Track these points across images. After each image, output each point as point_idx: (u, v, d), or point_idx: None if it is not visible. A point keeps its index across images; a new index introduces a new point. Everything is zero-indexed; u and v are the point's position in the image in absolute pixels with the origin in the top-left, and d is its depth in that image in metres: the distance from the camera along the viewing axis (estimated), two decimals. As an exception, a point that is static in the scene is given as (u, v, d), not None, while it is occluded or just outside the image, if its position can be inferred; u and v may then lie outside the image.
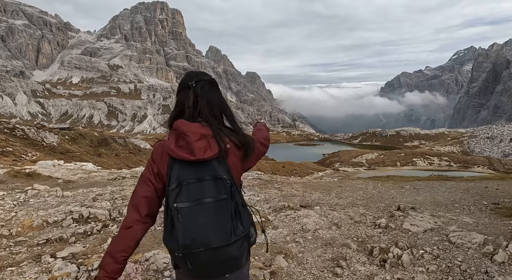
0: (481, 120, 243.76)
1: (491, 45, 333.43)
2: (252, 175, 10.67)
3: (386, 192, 7.51)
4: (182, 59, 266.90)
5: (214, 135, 1.47)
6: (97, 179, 10.18)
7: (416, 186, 8.29)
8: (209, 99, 1.57)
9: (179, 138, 1.45)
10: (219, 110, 1.61)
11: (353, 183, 9.15)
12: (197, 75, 1.62)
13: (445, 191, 7.54)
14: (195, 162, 1.42)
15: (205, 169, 1.42)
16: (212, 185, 1.39)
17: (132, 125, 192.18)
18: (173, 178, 1.41)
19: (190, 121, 1.50)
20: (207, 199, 1.37)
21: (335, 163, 53.08)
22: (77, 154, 27.98)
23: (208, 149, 1.43)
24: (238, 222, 1.41)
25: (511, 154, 61.48)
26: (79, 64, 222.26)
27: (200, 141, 1.43)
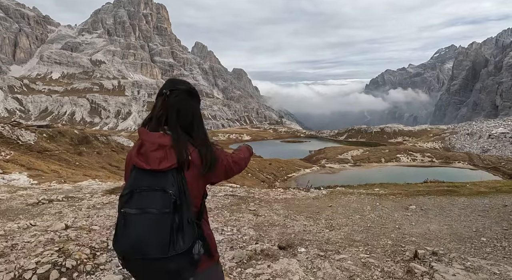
0: (461, 116, 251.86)
1: (470, 44, 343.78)
2: (225, 190, 8.91)
3: (388, 216, 6.06)
4: (168, 55, 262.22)
5: (173, 146, 1.46)
6: (15, 202, 7.15)
7: (423, 206, 6.85)
8: (179, 108, 1.56)
9: (141, 146, 1.48)
10: (187, 120, 1.59)
11: (346, 201, 7.56)
12: (174, 83, 1.61)
13: (460, 213, 6.21)
14: (149, 171, 1.42)
15: (158, 179, 1.41)
16: (160, 196, 1.38)
17: (116, 122, 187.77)
18: (128, 183, 1.45)
19: (154, 129, 1.52)
20: (152, 209, 1.36)
21: (322, 160, 53.45)
22: (55, 152, 26.88)
23: (164, 160, 1.42)
24: (179, 237, 1.38)
25: (490, 149, 63.63)
26: (60, 59, 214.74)
27: (157, 151, 1.43)
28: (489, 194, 8.07)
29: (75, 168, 25.52)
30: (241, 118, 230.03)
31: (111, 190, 8.73)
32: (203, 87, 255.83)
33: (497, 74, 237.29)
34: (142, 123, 1.62)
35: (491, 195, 7.94)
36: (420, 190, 8.94)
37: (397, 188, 9.91)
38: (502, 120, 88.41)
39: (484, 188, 9.17)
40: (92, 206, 6.72)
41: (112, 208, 6.44)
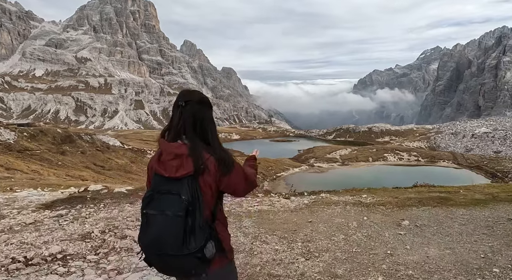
0: (445, 116, 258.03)
1: (454, 46, 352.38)
2: None
3: (378, 237, 5.07)
4: (156, 53, 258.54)
5: (190, 155, 1.63)
6: None
7: (417, 221, 5.90)
8: (194, 119, 1.73)
9: (161, 154, 1.71)
10: (203, 129, 1.75)
11: (329, 215, 6.42)
12: (187, 95, 1.79)
13: (461, 231, 5.31)
14: (168, 178, 1.63)
15: (175, 185, 1.61)
16: (176, 200, 1.58)
17: (103, 121, 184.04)
18: (151, 187, 1.69)
19: (172, 139, 1.72)
20: (168, 212, 1.57)
21: (310, 159, 53.63)
22: (37, 152, 25.96)
23: (180, 168, 1.62)
24: (191, 238, 1.57)
25: (473, 149, 65.30)
26: (43, 56, 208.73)
27: (174, 161, 1.64)
28: (488, 203, 7.32)
29: (57, 168, 24.68)
30: (230, 117, 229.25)
31: (49, 204, 7.15)
32: (192, 86, 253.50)
33: (480, 75, 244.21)
34: (161, 134, 1.79)
35: (490, 205, 7.15)
36: (412, 197, 8.04)
37: (386, 194, 8.95)
38: (485, 120, 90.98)
39: (480, 195, 8.47)
40: (8, 229, 5.27)
41: (35, 231, 5.10)
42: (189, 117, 1.72)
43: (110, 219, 5.81)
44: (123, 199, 7.53)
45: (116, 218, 5.84)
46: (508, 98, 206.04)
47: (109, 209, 6.51)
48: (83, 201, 7.28)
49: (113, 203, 7.10)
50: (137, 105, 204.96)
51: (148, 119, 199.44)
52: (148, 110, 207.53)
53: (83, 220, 5.71)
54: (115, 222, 5.52)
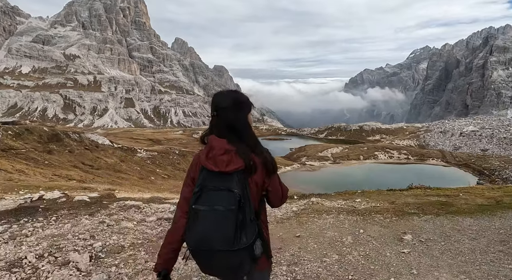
0: (434, 115, 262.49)
1: (443, 46, 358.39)
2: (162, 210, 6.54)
3: (378, 256, 4.41)
4: (146, 50, 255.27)
5: (238, 151, 1.70)
6: None
7: (421, 235, 5.23)
8: (229, 125, 1.80)
9: (209, 151, 1.73)
10: (239, 132, 1.81)
11: (320, 226, 5.64)
12: (217, 102, 1.86)
13: (473, 248, 4.68)
14: (217, 173, 1.66)
15: (224, 180, 1.65)
16: (225, 195, 1.61)
17: (92, 119, 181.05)
18: (198, 183, 1.70)
19: (218, 136, 1.78)
20: (218, 207, 1.59)
21: (302, 157, 53.77)
22: (22, 151, 25.24)
23: (230, 163, 1.66)
24: (242, 233, 1.59)
25: (461, 147, 66.50)
26: (30, 52, 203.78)
27: (224, 156, 1.68)
28: (495, 210, 6.69)
29: (44, 167, 24.06)
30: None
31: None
32: (183, 84, 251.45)
33: (468, 74, 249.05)
34: (205, 133, 1.87)
35: (498, 212, 6.52)
36: (410, 202, 7.42)
37: (381, 198, 8.35)
38: (472, 119, 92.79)
39: (481, 199, 7.96)
40: None
41: None
42: (223, 123, 1.80)
43: (57, 237, 4.72)
44: (82, 209, 6.42)
45: (65, 235, 4.76)
46: (494, 97, 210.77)
47: (60, 223, 5.41)
48: (32, 212, 6.00)
49: (69, 214, 5.93)
50: (127, 103, 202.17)
51: (139, 117, 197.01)
52: (139, 108, 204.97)
53: (22, 240, 4.56)
54: (61, 242, 4.48)
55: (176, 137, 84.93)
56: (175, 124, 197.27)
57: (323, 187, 36.63)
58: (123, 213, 6.23)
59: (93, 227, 5.23)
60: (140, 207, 6.63)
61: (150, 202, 7.31)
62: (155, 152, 42.44)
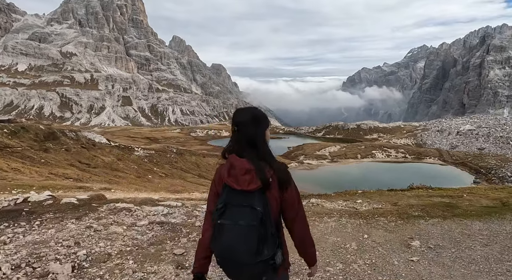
0: (431, 114, 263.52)
1: (440, 45, 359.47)
2: (154, 213, 6.16)
3: (385, 266, 4.16)
4: (144, 48, 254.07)
5: (257, 171, 1.81)
6: None
7: (429, 240, 4.97)
8: (251, 136, 1.92)
9: (231, 169, 1.85)
10: (255, 147, 1.92)
11: (322, 231, 5.35)
12: (238, 117, 1.96)
13: (486, 255, 4.44)
14: (240, 191, 1.79)
15: (246, 197, 1.78)
16: (248, 212, 1.75)
17: (89, 117, 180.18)
18: (221, 199, 1.83)
19: (240, 155, 1.89)
20: (241, 222, 1.74)
21: (300, 156, 53.80)
22: (18, 149, 25.03)
23: (252, 182, 1.79)
24: (264, 247, 1.74)
25: (458, 146, 66.81)
26: (26, 50, 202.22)
27: (246, 175, 1.80)
28: (504, 213, 6.44)
29: (40, 166, 23.87)
30: (220, 114, 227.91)
31: None
32: (181, 82, 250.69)
33: (465, 73, 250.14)
34: (228, 150, 1.96)
35: (508, 215, 6.31)
36: (413, 204, 7.20)
37: (383, 199, 8.16)
38: (469, 118, 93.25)
39: (486, 200, 7.81)
40: None
41: None
42: (243, 139, 1.90)
43: (38, 244, 4.31)
44: (69, 212, 5.97)
45: (47, 242, 4.35)
46: (491, 96, 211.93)
47: (44, 228, 4.97)
48: (15, 216, 5.55)
49: (54, 218, 5.47)
50: (124, 102, 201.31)
51: (136, 115, 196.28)
52: (136, 106, 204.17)
53: None
54: (43, 249, 4.09)
55: (173, 136, 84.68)
56: (173, 123, 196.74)
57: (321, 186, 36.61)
58: (112, 216, 5.83)
59: (79, 232, 4.87)
60: (131, 210, 6.27)
61: (142, 204, 6.94)
62: (152, 150, 42.27)
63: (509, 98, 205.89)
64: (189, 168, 39.57)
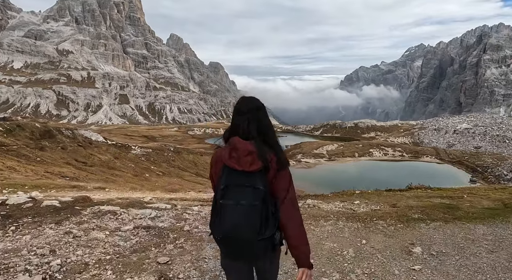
0: (428, 113, 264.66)
1: (438, 43, 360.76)
2: (141, 217, 5.85)
3: (386, 276, 4.03)
4: (141, 46, 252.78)
5: (259, 153, 1.88)
6: None
7: (432, 246, 4.76)
8: (258, 124, 2.01)
9: (232, 151, 1.91)
10: (264, 131, 2.02)
11: (317, 236, 5.11)
12: (249, 103, 2.08)
13: (493, 264, 4.29)
14: (241, 172, 1.86)
15: (247, 178, 1.85)
16: (250, 192, 1.82)
17: (86, 115, 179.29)
18: (222, 180, 1.89)
19: (243, 139, 1.95)
20: (244, 202, 1.81)
21: (298, 155, 53.81)
22: (13, 147, 24.79)
23: (253, 164, 1.85)
24: (266, 225, 1.83)
25: (455, 144, 67.14)
26: (22, 47, 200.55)
27: (248, 157, 1.86)
28: (506, 215, 6.29)
29: (36, 164, 23.66)
30: (218, 112, 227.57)
31: None
32: (179, 81, 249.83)
33: (462, 72, 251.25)
34: (225, 134, 2.06)
35: (510, 217, 6.16)
36: (412, 205, 6.98)
37: (381, 200, 7.97)
38: (466, 117, 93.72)
39: (487, 201, 7.56)
40: None
41: None
42: (253, 122, 1.98)
43: (9, 252, 3.95)
44: (49, 216, 5.56)
45: (20, 250, 3.99)
46: (487, 95, 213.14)
47: (19, 234, 4.60)
48: None
49: (32, 223, 5.12)
50: (122, 100, 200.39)
51: (134, 114, 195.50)
52: (134, 104, 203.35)
53: None
54: (13, 259, 3.74)
55: (171, 134, 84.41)
56: (170, 121, 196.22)
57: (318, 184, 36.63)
58: (95, 220, 5.45)
59: (56, 239, 4.48)
60: (117, 213, 5.91)
61: (129, 207, 6.57)
62: (149, 149, 42.10)
63: (505, 97, 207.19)
64: (186, 167, 39.47)
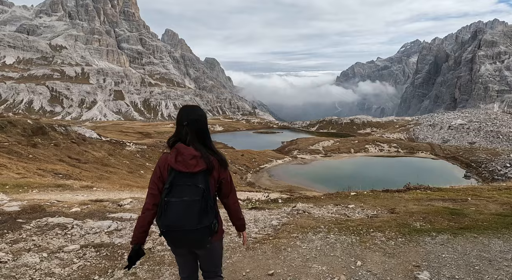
0: (423, 108, 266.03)
1: (433, 40, 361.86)
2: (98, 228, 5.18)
3: None
4: (136, 41, 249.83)
5: (202, 157, 2.27)
6: None
7: (443, 272, 3.79)
8: (197, 132, 2.35)
9: (178, 155, 2.26)
10: (203, 138, 2.38)
11: (303, 255, 4.25)
12: (188, 114, 2.37)
13: None
14: (186, 173, 2.21)
15: (190, 178, 2.20)
16: (192, 189, 2.18)
17: (80, 112, 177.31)
18: (168, 181, 2.23)
19: (187, 145, 2.32)
20: (186, 198, 2.16)
21: (294, 151, 53.80)
22: (5, 144, 24.38)
23: (197, 165, 2.22)
24: (204, 216, 2.19)
25: (450, 140, 67.60)
26: (14, 42, 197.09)
27: (192, 160, 2.23)
28: None
29: (28, 161, 23.30)
30: (214, 108, 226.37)
31: None
32: (174, 76, 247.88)
33: (457, 68, 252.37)
34: (167, 141, 2.41)
35: None
36: (413, 211, 6.27)
37: (378, 203, 7.40)
38: (460, 112, 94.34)
39: (495, 205, 6.84)
40: None
41: None
42: (193, 132, 2.32)
43: None
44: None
45: None
46: (482, 91, 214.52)
47: None
48: None
49: None
50: (116, 96, 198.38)
51: (129, 110, 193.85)
52: (129, 100, 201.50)
53: None
54: None
55: (166, 130, 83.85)
56: (166, 117, 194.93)
57: (314, 180, 36.63)
58: (36, 237, 4.50)
59: None
60: (67, 227, 5.02)
61: (87, 218, 5.65)
62: (144, 145, 41.78)
63: (499, 92, 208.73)
64: (182, 163, 39.23)
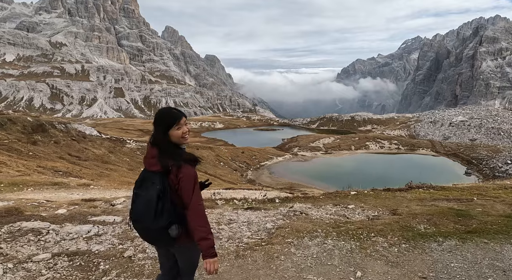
0: (424, 105, 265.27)
1: (434, 36, 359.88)
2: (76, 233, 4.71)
3: None
4: (136, 39, 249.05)
5: (159, 158, 2.34)
6: None
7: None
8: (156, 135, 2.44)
9: (147, 154, 2.46)
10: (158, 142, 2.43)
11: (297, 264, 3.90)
12: (156, 118, 2.47)
13: None
14: (148, 171, 2.37)
15: (152, 176, 2.32)
16: (149, 187, 2.29)
17: (80, 109, 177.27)
18: (140, 175, 2.43)
19: (152, 145, 2.44)
20: (143, 193, 2.29)
21: (294, 148, 53.73)
22: (4, 142, 24.37)
23: (154, 165, 2.34)
24: (159, 216, 2.23)
25: (450, 137, 67.47)
26: (14, 39, 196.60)
27: (152, 159, 2.37)
28: None
29: (27, 158, 23.29)
30: (214, 105, 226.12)
31: None
32: (174, 73, 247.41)
33: (458, 65, 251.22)
34: (150, 140, 2.51)
35: None
36: (416, 212, 5.93)
37: (379, 203, 7.15)
38: (461, 109, 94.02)
39: (502, 205, 6.48)
40: None
41: None
42: (154, 134, 2.42)
43: None
44: None
45: None
46: (483, 87, 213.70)
47: None
48: None
49: None
50: (117, 93, 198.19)
51: (129, 107, 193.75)
52: (129, 98, 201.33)
53: None
54: None
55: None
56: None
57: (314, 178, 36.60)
58: (5, 244, 4.12)
59: None
60: (42, 232, 4.57)
61: (66, 221, 5.18)
62: (145, 143, 41.67)
63: (500, 89, 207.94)
64: (182, 161, 39.25)
